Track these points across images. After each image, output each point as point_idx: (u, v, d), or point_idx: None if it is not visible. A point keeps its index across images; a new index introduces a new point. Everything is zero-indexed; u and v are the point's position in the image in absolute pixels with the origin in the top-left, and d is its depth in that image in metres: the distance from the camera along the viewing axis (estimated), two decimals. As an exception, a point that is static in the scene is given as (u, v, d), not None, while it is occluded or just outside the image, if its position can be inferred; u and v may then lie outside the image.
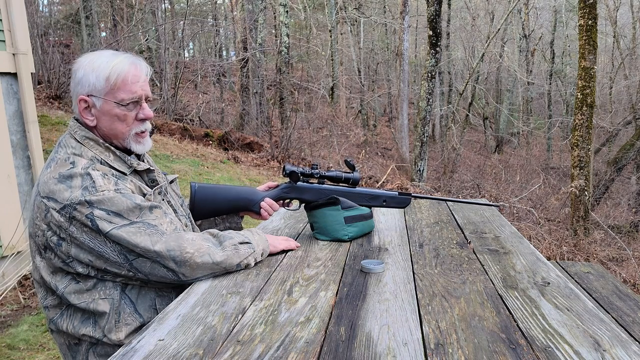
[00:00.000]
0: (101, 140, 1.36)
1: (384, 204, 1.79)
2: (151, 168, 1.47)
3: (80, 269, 1.28)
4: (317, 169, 1.74)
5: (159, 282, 1.32)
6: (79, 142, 1.35)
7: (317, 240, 1.73)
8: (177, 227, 1.37)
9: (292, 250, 1.61)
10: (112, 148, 1.37)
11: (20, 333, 3.26)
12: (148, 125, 1.41)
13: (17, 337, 3.21)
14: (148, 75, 1.40)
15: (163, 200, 1.47)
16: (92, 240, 1.25)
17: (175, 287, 1.38)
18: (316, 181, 1.76)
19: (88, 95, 1.33)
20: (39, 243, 1.30)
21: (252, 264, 1.42)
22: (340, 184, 1.78)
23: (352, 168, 1.75)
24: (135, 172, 1.42)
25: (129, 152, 1.42)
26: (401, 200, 1.79)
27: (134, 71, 1.35)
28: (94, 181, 1.26)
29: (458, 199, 1.95)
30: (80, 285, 1.30)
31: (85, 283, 1.30)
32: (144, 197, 1.37)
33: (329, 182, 1.78)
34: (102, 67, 1.32)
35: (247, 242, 1.42)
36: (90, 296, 1.30)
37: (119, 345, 1.31)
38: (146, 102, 1.39)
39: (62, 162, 1.29)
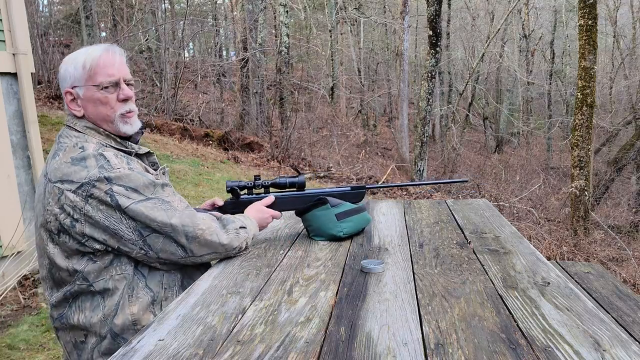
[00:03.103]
0: (101, 129, 1.42)
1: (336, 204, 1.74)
2: (151, 151, 1.54)
3: (96, 246, 1.32)
4: (259, 179, 1.72)
5: (165, 262, 1.38)
6: (80, 132, 1.40)
7: (316, 240, 1.73)
8: (188, 205, 1.43)
9: (276, 218, 1.72)
10: (112, 135, 1.43)
11: (20, 333, 3.26)
12: (132, 106, 1.46)
13: (17, 337, 3.21)
14: (123, 57, 1.45)
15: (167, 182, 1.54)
16: (108, 218, 1.29)
17: (181, 267, 1.44)
18: (263, 191, 1.74)
19: (72, 87, 1.40)
20: (52, 229, 1.33)
21: (244, 247, 1.51)
22: (288, 190, 1.75)
23: (297, 172, 1.74)
24: (137, 156, 1.48)
25: (126, 137, 1.49)
26: (354, 195, 1.78)
27: (107, 55, 1.40)
28: (108, 160, 1.32)
29: (421, 182, 1.94)
30: (98, 264, 1.34)
31: (102, 261, 1.34)
32: None
33: (276, 190, 1.76)
34: (78, 58, 1.39)
35: (244, 227, 1.50)
36: (108, 273, 1.35)
37: (124, 340, 1.34)
38: (127, 85, 1.44)
39: (70, 149, 1.35)
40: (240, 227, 1.48)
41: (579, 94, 8.02)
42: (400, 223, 1.99)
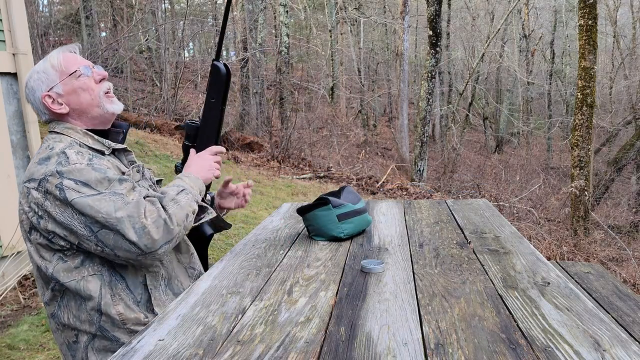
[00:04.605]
0: (79, 127, 1.45)
1: (213, 100, 1.59)
2: (128, 149, 1.54)
3: (62, 243, 1.31)
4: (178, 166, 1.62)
5: (129, 262, 1.31)
6: (58, 133, 1.44)
7: (317, 240, 1.73)
8: (140, 194, 1.34)
9: (221, 155, 1.58)
10: (90, 133, 1.46)
11: (20, 333, 3.26)
12: (110, 85, 1.50)
13: (17, 337, 3.21)
14: (80, 52, 1.53)
15: (143, 178, 1.51)
16: (62, 213, 1.27)
17: (165, 265, 1.43)
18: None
19: (49, 90, 1.43)
20: (26, 228, 1.35)
21: (197, 207, 1.41)
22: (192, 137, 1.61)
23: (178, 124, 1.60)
24: (114, 154, 1.49)
25: (105, 136, 1.50)
26: (214, 72, 1.57)
27: (67, 52, 1.48)
28: (67, 157, 1.32)
29: None
30: (68, 264, 1.33)
31: (73, 261, 1.33)
32: (123, 175, 1.41)
33: (191, 144, 1.60)
34: (43, 65, 1.45)
35: (182, 190, 1.40)
36: (80, 274, 1.32)
37: (117, 340, 1.33)
38: None
39: (43, 150, 1.38)
40: (178, 194, 1.37)
41: (579, 94, 8.02)
42: (400, 223, 1.99)
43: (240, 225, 6.10)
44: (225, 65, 1.58)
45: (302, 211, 1.75)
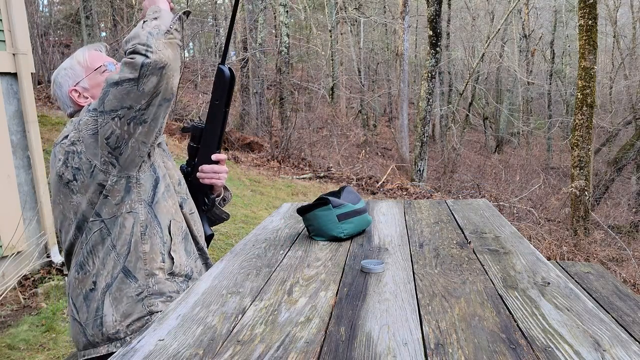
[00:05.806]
0: None
1: (217, 102, 1.60)
2: None
3: (103, 168, 1.37)
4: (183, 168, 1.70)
5: (140, 111, 1.32)
6: None
7: (317, 240, 1.73)
8: None
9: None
10: None
11: (20, 333, 3.26)
12: None
13: (17, 337, 3.21)
14: (107, 50, 1.62)
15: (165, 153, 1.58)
16: (94, 125, 1.34)
17: (186, 218, 1.53)
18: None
19: (75, 85, 1.51)
20: (69, 178, 1.40)
21: (157, 14, 1.39)
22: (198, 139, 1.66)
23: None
24: None
25: None
26: (218, 75, 1.58)
27: (92, 49, 1.57)
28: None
29: None
30: (109, 200, 1.41)
31: (114, 197, 1.40)
32: None
33: (194, 144, 1.66)
34: (70, 62, 1.54)
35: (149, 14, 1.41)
36: (119, 210, 1.41)
37: (135, 281, 1.39)
38: None
39: (73, 122, 1.46)
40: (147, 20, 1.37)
41: (579, 94, 8.03)
42: (400, 223, 1.99)
43: (240, 225, 6.10)
44: (230, 69, 1.63)
45: (302, 211, 1.75)
